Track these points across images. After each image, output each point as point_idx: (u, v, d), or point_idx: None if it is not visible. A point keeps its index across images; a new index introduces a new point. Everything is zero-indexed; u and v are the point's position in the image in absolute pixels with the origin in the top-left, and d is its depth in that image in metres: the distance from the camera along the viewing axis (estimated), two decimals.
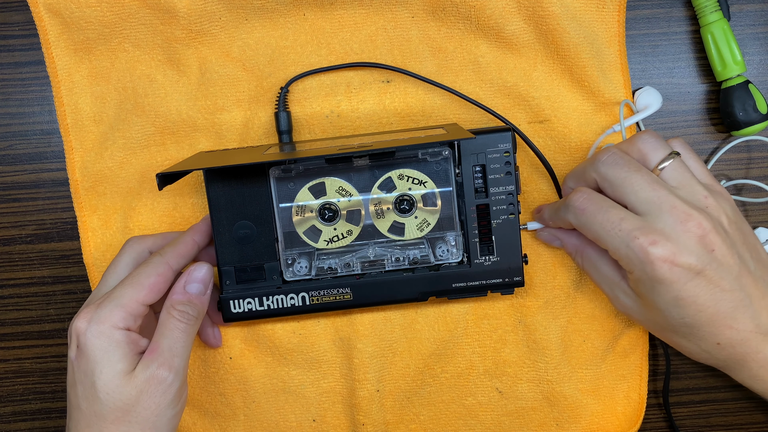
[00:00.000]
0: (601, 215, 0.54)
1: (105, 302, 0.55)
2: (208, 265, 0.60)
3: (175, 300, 0.58)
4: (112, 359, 0.54)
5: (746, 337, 0.53)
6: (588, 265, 0.61)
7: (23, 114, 0.68)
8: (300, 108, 0.66)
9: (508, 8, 0.64)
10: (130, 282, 0.57)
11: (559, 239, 0.63)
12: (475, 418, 0.68)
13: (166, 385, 0.55)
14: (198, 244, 0.62)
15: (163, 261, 0.59)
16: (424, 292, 0.62)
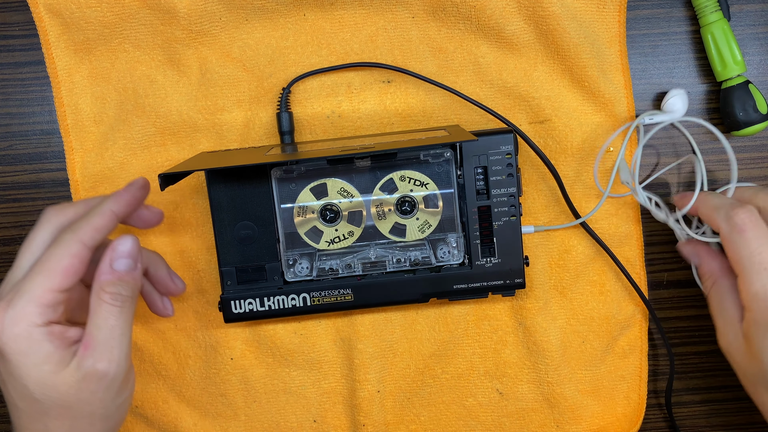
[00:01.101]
0: (756, 244, 0.53)
1: (16, 298, 0.50)
2: (133, 237, 0.54)
3: (104, 281, 0.53)
4: (37, 361, 0.50)
5: None
6: (715, 294, 0.60)
7: (23, 114, 0.68)
8: (301, 108, 0.66)
9: (508, 8, 0.64)
10: (41, 269, 0.51)
11: (699, 258, 0.62)
12: (475, 419, 0.68)
13: (108, 379, 0.52)
14: (117, 215, 0.55)
15: (76, 239, 0.52)
16: (425, 293, 0.62)
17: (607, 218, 0.67)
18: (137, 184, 0.58)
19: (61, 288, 0.51)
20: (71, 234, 0.52)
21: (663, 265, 0.69)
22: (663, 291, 0.69)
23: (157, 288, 0.63)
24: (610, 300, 0.67)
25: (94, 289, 0.53)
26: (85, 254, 0.52)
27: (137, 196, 0.57)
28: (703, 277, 0.62)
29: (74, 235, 0.52)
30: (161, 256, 0.63)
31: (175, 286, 0.63)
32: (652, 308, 0.67)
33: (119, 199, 0.56)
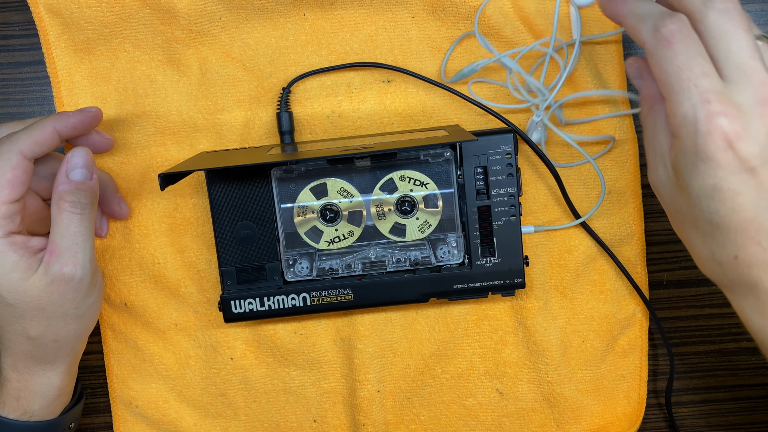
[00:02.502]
0: (684, 58, 0.45)
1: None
2: (85, 149, 0.57)
3: (62, 191, 0.55)
4: (4, 270, 0.53)
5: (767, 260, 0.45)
6: (650, 121, 0.50)
7: (23, 114, 0.68)
8: (301, 108, 0.66)
9: (507, 8, 0.64)
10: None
11: (643, 79, 0.52)
12: (475, 419, 0.68)
13: (76, 282, 0.55)
14: (58, 133, 0.57)
15: (15, 149, 0.54)
16: (425, 293, 0.62)
17: (607, 218, 0.67)
18: (88, 110, 0.60)
19: (10, 200, 0.53)
20: (10, 145, 0.54)
21: (663, 265, 0.69)
22: (663, 291, 0.69)
23: (102, 209, 0.65)
24: (610, 300, 0.67)
25: (54, 200, 0.55)
26: (26, 165, 0.54)
27: (84, 122, 0.59)
28: (642, 101, 0.52)
29: (13, 146, 0.54)
30: (112, 178, 0.65)
31: (120, 210, 0.66)
32: (652, 308, 0.67)
33: (63, 118, 0.58)
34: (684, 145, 0.45)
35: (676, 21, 0.46)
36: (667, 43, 0.45)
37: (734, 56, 0.45)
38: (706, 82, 0.44)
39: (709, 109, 0.43)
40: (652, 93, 0.50)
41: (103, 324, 0.68)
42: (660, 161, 0.49)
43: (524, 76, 0.61)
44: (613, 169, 0.66)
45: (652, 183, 0.51)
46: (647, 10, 0.48)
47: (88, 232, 0.56)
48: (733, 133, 0.43)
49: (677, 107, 0.45)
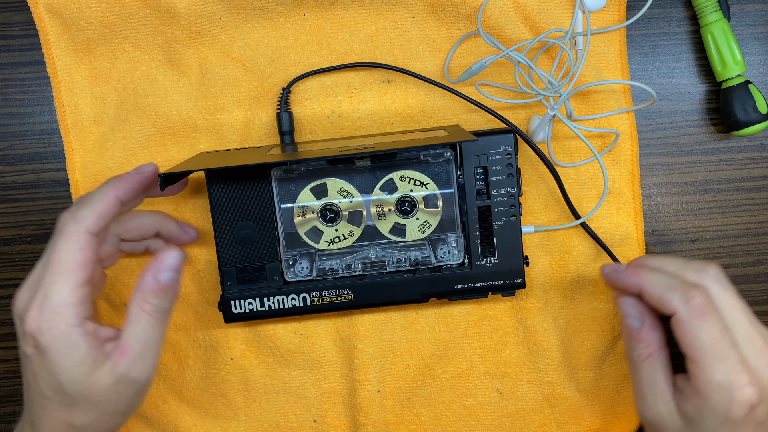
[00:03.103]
0: (717, 330, 0.51)
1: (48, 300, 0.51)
2: (179, 251, 0.55)
3: (148, 292, 0.54)
4: (74, 361, 0.51)
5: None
6: (648, 365, 0.56)
7: (23, 114, 0.68)
8: (301, 108, 0.66)
9: (507, 8, 0.64)
10: (59, 268, 0.51)
11: (642, 323, 0.57)
12: (475, 419, 0.68)
13: (139, 385, 0.54)
14: (120, 200, 0.55)
15: (83, 230, 0.52)
16: (425, 293, 0.62)
17: (607, 218, 0.67)
18: (144, 169, 0.57)
19: (83, 282, 0.52)
20: (76, 225, 0.52)
21: None
22: None
23: (170, 243, 0.64)
24: (610, 300, 0.67)
25: (136, 298, 0.54)
26: (94, 243, 0.53)
27: (143, 182, 0.57)
28: (638, 343, 0.57)
29: (80, 226, 0.52)
30: (167, 214, 0.64)
31: (188, 236, 0.65)
32: None
33: (122, 184, 0.55)
34: (712, 406, 0.51)
35: (703, 293, 0.52)
36: (701, 314, 0.51)
37: (738, 325, 0.52)
38: (734, 354, 0.50)
39: (741, 380, 0.50)
40: (653, 341, 0.56)
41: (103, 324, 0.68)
42: (663, 406, 0.54)
43: (534, 69, 0.61)
44: (612, 169, 0.66)
45: (648, 419, 0.56)
46: (669, 281, 0.54)
47: (162, 336, 0.55)
48: (757, 399, 0.50)
49: (711, 374, 0.50)
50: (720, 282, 0.53)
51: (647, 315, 0.57)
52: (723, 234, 0.69)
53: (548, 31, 0.64)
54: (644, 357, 0.57)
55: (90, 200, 0.54)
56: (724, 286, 0.53)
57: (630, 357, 0.58)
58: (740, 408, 0.50)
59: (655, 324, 0.57)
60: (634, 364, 0.57)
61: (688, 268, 0.55)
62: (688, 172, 0.68)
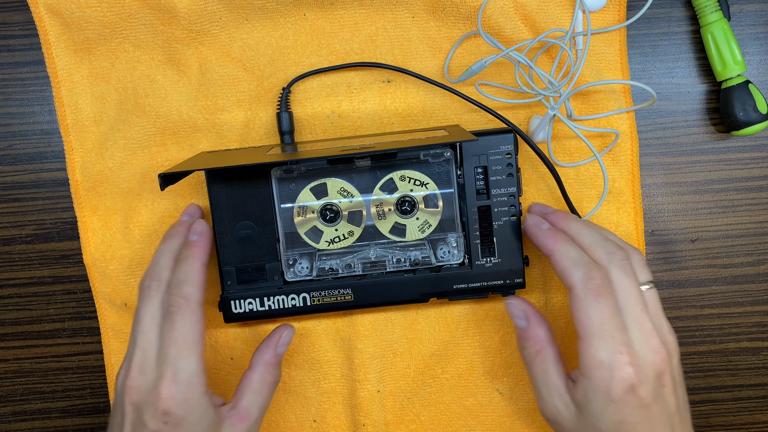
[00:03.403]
0: (608, 311, 0.53)
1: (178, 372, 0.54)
2: (292, 327, 0.63)
3: (271, 363, 0.60)
4: (205, 427, 0.55)
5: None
6: (539, 362, 0.58)
7: (23, 114, 0.68)
8: (301, 108, 0.66)
9: (507, 8, 0.64)
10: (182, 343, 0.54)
11: (527, 322, 0.60)
12: (475, 419, 0.68)
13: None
14: (205, 265, 0.59)
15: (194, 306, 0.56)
16: (425, 293, 0.62)
17: (607, 218, 0.67)
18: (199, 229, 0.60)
19: (203, 352, 0.55)
20: (187, 302, 0.55)
21: (663, 265, 0.69)
22: (663, 291, 0.69)
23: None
24: None
25: (258, 369, 0.60)
26: (203, 312, 0.56)
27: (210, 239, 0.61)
28: (527, 341, 0.59)
29: (191, 303, 0.55)
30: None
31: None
32: None
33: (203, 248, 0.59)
34: (595, 385, 0.52)
35: (604, 275, 0.54)
36: (596, 294, 0.53)
37: (630, 309, 0.53)
38: (619, 336, 0.52)
39: (621, 360, 0.52)
40: (541, 337, 0.59)
41: (103, 324, 0.68)
42: (558, 398, 0.56)
43: (534, 69, 0.61)
44: (612, 169, 0.66)
45: (548, 415, 0.58)
46: (577, 257, 0.55)
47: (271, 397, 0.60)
48: (636, 380, 0.52)
49: (595, 352, 0.52)
50: (623, 268, 0.54)
51: (532, 313, 0.60)
52: (723, 234, 0.69)
53: (548, 31, 0.64)
54: (534, 354, 0.59)
55: (185, 277, 0.56)
56: (626, 272, 0.54)
57: (522, 357, 0.60)
58: (619, 386, 0.52)
59: (540, 321, 0.59)
60: (527, 363, 0.59)
61: (600, 247, 0.56)
62: (688, 172, 0.68)
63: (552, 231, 0.57)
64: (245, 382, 0.59)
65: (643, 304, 0.54)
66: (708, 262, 0.69)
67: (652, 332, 0.53)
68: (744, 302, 0.69)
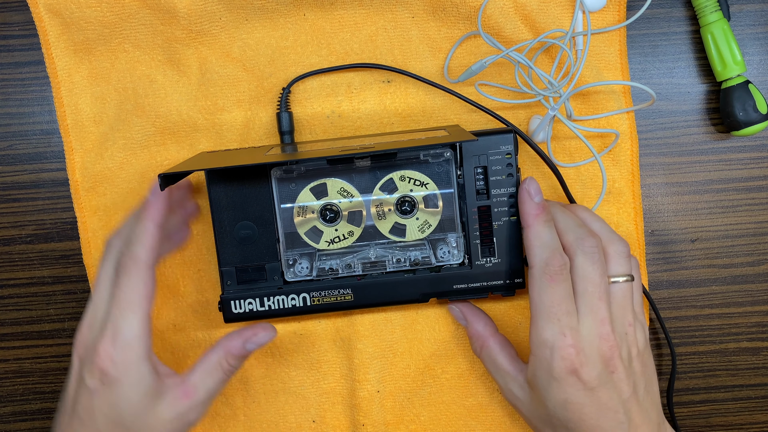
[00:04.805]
0: (558, 297, 0.55)
1: (118, 332, 0.54)
2: (273, 330, 0.61)
3: (232, 354, 0.59)
4: (141, 392, 0.55)
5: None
6: (486, 355, 0.62)
7: (23, 114, 0.68)
8: (301, 108, 0.66)
9: (507, 8, 0.64)
10: (126, 303, 0.55)
11: (466, 320, 0.64)
12: (475, 419, 0.68)
13: (189, 426, 0.57)
14: (159, 225, 0.57)
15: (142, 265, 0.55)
16: (425, 293, 0.62)
17: (607, 218, 0.67)
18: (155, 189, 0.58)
19: (148, 315, 0.55)
20: (134, 262, 0.55)
21: (663, 265, 0.69)
22: (663, 291, 0.69)
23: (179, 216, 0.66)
24: None
25: (218, 353, 0.58)
26: (152, 273, 0.56)
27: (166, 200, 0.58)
28: (471, 339, 0.64)
29: (139, 262, 0.55)
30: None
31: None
32: (656, 307, 0.67)
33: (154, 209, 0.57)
34: (540, 363, 0.55)
35: (561, 262, 0.55)
36: (550, 279, 0.55)
37: (587, 295, 0.55)
38: (566, 320, 0.54)
39: (563, 341, 0.53)
40: (480, 332, 0.63)
41: None
42: (513, 384, 0.60)
43: (534, 69, 0.61)
44: (612, 169, 0.66)
45: (510, 400, 0.61)
46: (548, 240, 0.57)
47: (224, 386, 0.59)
48: (577, 362, 0.53)
49: (541, 331, 0.55)
50: (589, 256, 0.56)
51: (469, 312, 0.64)
52: (723, 234, 0.69)
53: (548, 32, 0.64)
54: (480, 349, 0.63)
55: (136, 237, 0.56)
56: (592, 259, 0.56)
57: (477, 355, 0.64)
58: (560, 365, 0.53)
59: (478, 317, 0.63)
60: (480, 359, 0.63)
61: (571, 232, 0.57)
62: (688, 172, 0.68)
63: (537, 207, 0.58)
64: (202, 360, 0.58)
65: (603, 293, 0.55)
66: (708, 262, 0.69)
67: (605, 320, 0.55)
68: (744, 302, 0.69)
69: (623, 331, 0.56)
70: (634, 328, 0.57)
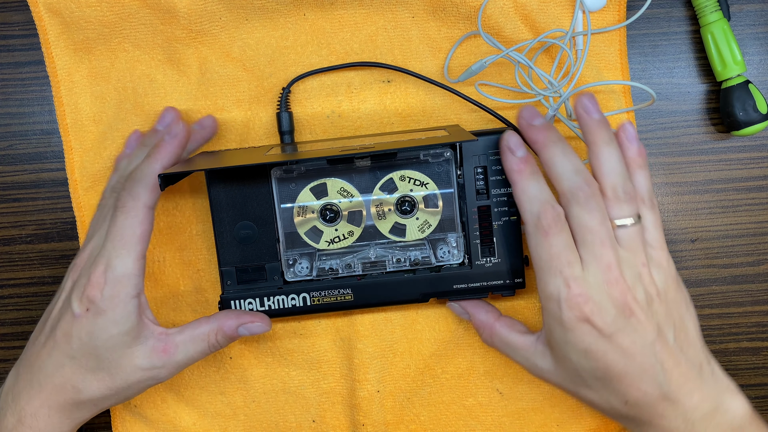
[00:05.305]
0: (556, 249, 0.54)
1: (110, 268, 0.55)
2: (269, 324, 0.61)
3: (224, 332, 0.59)
4: (123, 329, 0.55)
5: (652, 401, 0.54)
6: (498, 340, 0.61)
7: (23, 114, 0.68)
8: (301, 108, 0.66)
9: (507, 8, 0.64)
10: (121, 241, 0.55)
11: (468, 314, 0.63)
12: (475, 419, 0.68)
13: (159, 380, 0.59)
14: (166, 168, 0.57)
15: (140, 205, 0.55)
16: (425, 293, 0.62)
17: None
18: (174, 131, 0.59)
19: (142, 255, 0.56)
20: (134, 201, 0.55)
21: None
22: None
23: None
24: None
25: (212, 325, 0.59)
26: (151, 216, 0.56)
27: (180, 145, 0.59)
28: (478, 330, 0.63)
29: (138, 202, 0.55)
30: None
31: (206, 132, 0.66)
32: None
33: (165, 152, 0.58)
34: (552, 318, 0.54)
35: (554, 214, 0.54)
36: (545, 233, 0.54)
37: (588, 244, 0.54)
38: (569, 270, 0.53)
39: (569, 293, 0.53)
40: (484, 320, 0.62)
41: None
42: (533, 356, 0.59)
43: (534, 69, 0.61)
44: None
45: (539, 377, 0.59)
46: (538, 192, 0.56)
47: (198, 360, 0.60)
48: (588, 310, 0.52)
49: (545, 286, 0.54)
50: (585, 204, 0.54)
51: (469, 304, 0.64)
52: (723, 234, 0.69)
53: (548, 31, 0.64)
54: (490, 338, 0.62)
55: (141, 176, 0.56)
56: (588, 208, 0.54)
57: (487, 344, 0.63)
58: (569, 316, 0.53)
59: (478, 307, 0.63)
60: (495, 347, 0.62)
61: (566, 180, 0.55)
62: (688, 172, 0.68)
63: (521, 161, 0.57)
64: (193, 324, 0.59)
65: (605, 239, 0.54)
66: (708, 262, 0.69)
67: (611, 265, 0.53)
68: (744, 302, 0.69)
69: (636, 272, 0.54)
70: (649, 268, 0.55)
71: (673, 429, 0.55)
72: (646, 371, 0.53)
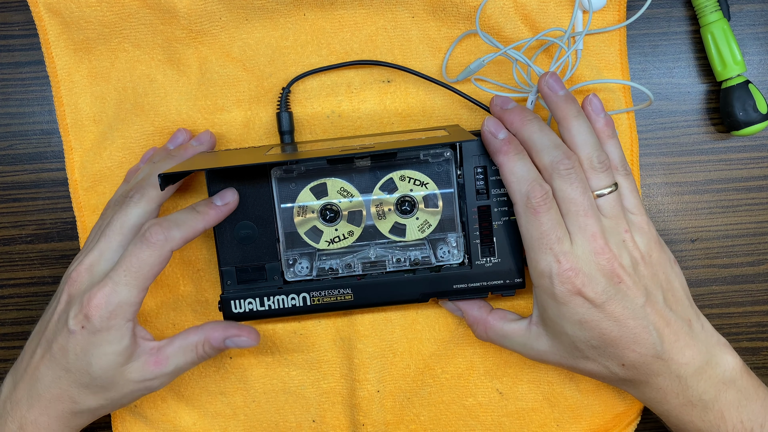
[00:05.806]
0: (545, 228, 0.55)
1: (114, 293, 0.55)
2: (257, 337, 0.62)
3: (212, 344, 0.60)
4: (116, 350, 0.56)
5: (648, 361, 0.56)
6: (493, 333, 0.62)
7: (23, 114, 0.68)
8: (301, 108, 0.66)
9: (507, 8, 0.64)
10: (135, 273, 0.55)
11: (460, 310, 0.64)
12: (475, 419, 0.68)
13: (151, 391, 0.59)
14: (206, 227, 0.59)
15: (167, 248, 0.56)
16: (425, 293, 0.62)
17: None
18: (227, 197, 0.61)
19: (147, 288, 0.56)
20: (165, 241, 0.56)
21: None
22: None
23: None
24: None
25: (198, 338, 0.60)
26: (170, 257, 0.57)
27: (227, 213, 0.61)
28: (472, 326, 0.64)
29: (167, 244, 0.56)
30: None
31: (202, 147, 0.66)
32: None
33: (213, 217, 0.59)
34: (544, 295, 0.56)
35: (542, 192, 0.55)
36: (534, 212, 0.55)
37: (572, 215, 0.55)
38: (558, 246, 0.55)
39: (560, 267, 0.54)
40: (477, 315, 0.63)
41: None
42: (530, 339, 0.60)
43: (533, 66, 0.61)
44: None
45: (537, 358, 0.61)
46: (524, 172, 0.57)
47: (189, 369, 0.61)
48: (579, 283, 0.54)
49: (536, 264, 0.56)
50: (566, 177, 0.55)
51: (462, 302, 0.64)
52: (723, 234, 0.69)
53: (547, 30, 0.64)
54: (484, 332, 0.63)
55: (183, 223, 0.57)
56: (569, 180, 0.55)
57: (484, 341, 0.64)
58: (561, 290, 0.54)
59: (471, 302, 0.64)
60: (491, 341, 0.63)
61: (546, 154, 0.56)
62: (688, 172, 0.68)
63: (504, 142, 0.58)
64: (182, 335, 0.60)
65: (588, 209, 0.55)
66: (708, 262, 0.69)
67: (596, 235, 0.55)
68: (744, 302, 0.69)
69: (619, 239, 0.56)
70: (631, 233, 0.57)
71: (668, 385, 0.57)
72: (639, 334, 0.55)
